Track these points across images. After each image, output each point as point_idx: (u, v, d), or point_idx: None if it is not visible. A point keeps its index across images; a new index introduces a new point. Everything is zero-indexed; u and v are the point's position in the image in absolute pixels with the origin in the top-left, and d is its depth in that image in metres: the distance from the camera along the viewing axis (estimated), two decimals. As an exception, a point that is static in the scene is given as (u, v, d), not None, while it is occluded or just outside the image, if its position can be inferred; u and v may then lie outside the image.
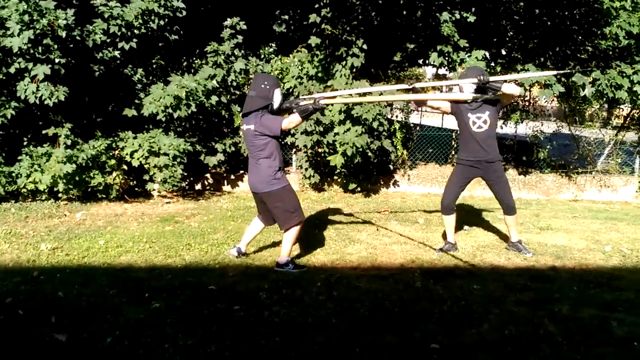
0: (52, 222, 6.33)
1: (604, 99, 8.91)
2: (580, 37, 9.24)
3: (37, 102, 6.70)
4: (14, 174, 7.02)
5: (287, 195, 4.73)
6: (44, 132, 7.13)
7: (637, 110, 9.78)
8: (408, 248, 5.60)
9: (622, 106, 10.02)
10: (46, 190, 7.07)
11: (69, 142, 7.06)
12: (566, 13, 8.95)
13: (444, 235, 5.70)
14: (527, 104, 10.44)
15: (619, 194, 9.12)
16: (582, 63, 9.14)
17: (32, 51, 6.63)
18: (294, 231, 4.76)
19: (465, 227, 6.54)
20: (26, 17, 6.46)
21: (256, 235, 5.19)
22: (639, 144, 9.63)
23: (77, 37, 7.04)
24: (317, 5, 8.47)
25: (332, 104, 5.95)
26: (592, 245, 5.84)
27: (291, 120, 4.64)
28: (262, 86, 4.63)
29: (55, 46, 6.74)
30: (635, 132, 9.94)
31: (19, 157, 6.99)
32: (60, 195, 7.19)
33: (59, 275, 4.46)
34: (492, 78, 4.91)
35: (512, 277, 4.72)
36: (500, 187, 5.29)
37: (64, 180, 6.88)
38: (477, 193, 9.14)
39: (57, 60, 6.76)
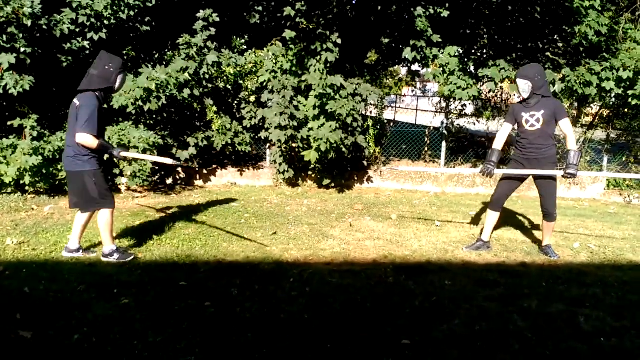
0: (19, 215, 6.16)
1: (574, 97, 9.08)
2: (551, 35, 9.39)
3: (1, 91, 6.51)
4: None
5: (89, 179, 4.55)
6: (9, 123, 6.93)
7: (606, 109, 9.99)
8: (381, 244, 5.62)
9: (591, 105, 10.21)
10: (12, 183, 6.88)
11: (35, 133, 6.89)
12: (538, 10, 9.08)
13: (481, 231, 5.69)
14: (498, 101, 10.57)
15: (588, 191, 9.31)
16: (553, 60, 9.29)
17: (-5, 39, 6.45)
18: (103, 218, 4.66)
19: (437, 222, 6.60)
20: (-10, 4, 6.27)
21: (87, 225, 4.86)
22: (607, 142, 9.84)
23: (44, 27, 6.86)
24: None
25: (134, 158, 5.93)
26: (561, 242, 5.95)
27: (87, 141, 4.37)
28: (106, 67, 4.50)
29: (21, 35, 6.56)
30: (604, 131, 10.15)
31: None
32: (27, 188, 7.01)
33: (25, 271, 4.34)
34: (571, 171, 5.00)
35: (482, 273, 4.77)
36: (545, 191, 5.24)
37: (30, 173, 6.71)
38: (449, 189, 9.23)
39: (22, 50, 6.58)
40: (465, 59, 9.05)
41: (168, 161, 4.92)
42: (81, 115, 4.38)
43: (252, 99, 8.72)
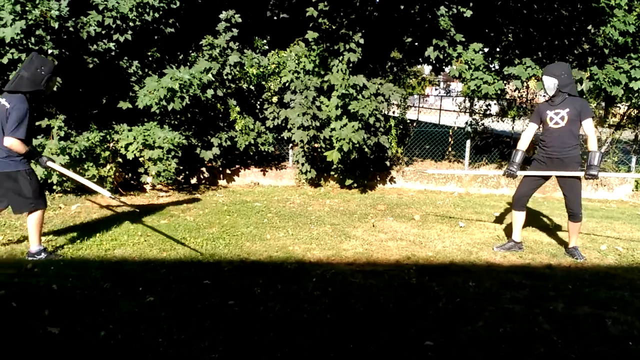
0: (47, 214, 6.27)
1: (601, 96, 8.91)
2: (577, 34, 9.24)
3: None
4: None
5: (23, 179, 4.53)
6: (37, 123, 7.06)
7: (634, 109, 9.79)
8: (404, 245, 5.59)
9: (619, 105, 10.02)
10: (40, 182, 7.00)
11: (62, 133, 7.01)
12: (563, 9, 8.95)
13: (509, 232, 5.65)
14: (524, 100, 10.43)
15: (615, 192, 9.13)
16: (580, 58, 9.14)
17: (24, 42, 6.57)
18: (35, 218, 4.64)
19: (461, 223, 6.54)
20: (18, 7, 6.39)
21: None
22: (635, 143, 9.64)
23: (71, 29, 6.98)
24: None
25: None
26: (588, 244, 5.84)
27: (15, 146, 4.38)
28: (38, 70, 4.48)
29: (48, 37, 6.68)
30: (632, 131, 9.95)
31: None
32: (54, 187, 7.13)
33: (53, 268, 4.43)
34: (592, 172, 5.00)
35: (507, 275, 4.71)
36: (569, 191, 5.18)
37: (57, 172, 6.82)
38: (473, 190, 9.14)
39: (50, 51, 6.70)
40: (489, 58, 8.96)
41: (99, 189, 4.90)
42: (12, 118, 4.35)
43: (275, 99, 8.75)
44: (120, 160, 7.47)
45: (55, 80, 4.67)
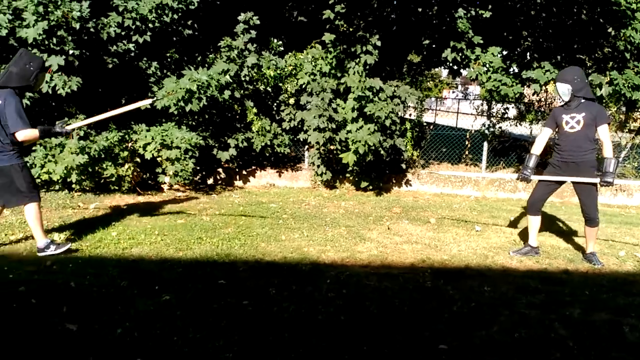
0: (66, 212, 6.38)
1: (622, 100, 8.80)
2: (597, 37, 9.13)
3: (50, 91, 6.75)
4: (28, 164, 7.06)
5: (17, 173, 4.59)
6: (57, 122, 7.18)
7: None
8: (419, 248, 5.58)
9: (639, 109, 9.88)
10: (60, 181, 7.12)
11: (82, 133, 7.11)
12: (583, 12, 8.85)
13: (526, 237, 5.63)
14: (542, 104, 10.34)
15: (635, 198, 9.00)
16: (599, 63, 9.03)
17: (46, 42, 6.69)
18: (33, 212, 4.67)
19: (477, 227, 6.50)
20: (41, 9, 6.51)
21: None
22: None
23: (92, 30, 7.08)
24: (331, 1, 8.45)
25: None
26: (606, 250, 5.77)
27: (28, 136, 4.52)
28: (26, 66, 4.52)
29: (69, 38, 6.79)
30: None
31: (33, 148, 7.04)
32: (73, 186, 7.24)
33: (71, 266, 4.49)
34: (608, 179, 4.96)
35: (523, 280, 4.68)
36: (584, 196, 5.13)
37: (77, 171, 6.92)
38: (490, 194, 9.08)
39: (71, 52, 6.81)
40: (508, 61, 8.90)
41: (137, 104, 5.08)
42: (10, 114, 4.41)
43: (292, 101, 8.78)
44: (138, 159, 7.55)
45: (44, 76, 4.74)
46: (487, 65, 8.52)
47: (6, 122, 4.45)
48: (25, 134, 4.50)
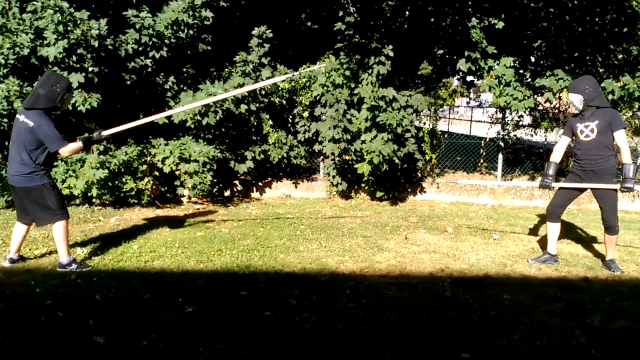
0: (88, 226, 6.49)
1: (637, 105, 8.76)
2: (610, 44, 9.13)
3: (70, 108, 6.89)
4: None
5: (48, 192, 4.68)
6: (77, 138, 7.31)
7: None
8: (437, 257, 5.60)
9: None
10: (80, 196, 7.25)
11: (102, 148, 7.24)
12: (596, 19, 8.86)
13: (544, 244, 5.65)
14: (556, 111, 10.31)
15: (652, 203, 8.94)
16: (612, 69, 9.02)
17: (66, 60, 6.85)
18: (61, 229, 4.75)
19: (495, 236, 6.50)
20: (61, 27, 6.67)
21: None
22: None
23: (110, 47, 7.23)
24: (341, 14, 8.55)
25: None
26: (626, 257, 5.74)
27: (73, 149, 4.67)
28: (53, 87, 4.60)
29: (89, 55, 6.94)
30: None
31: (55, 163, 7.17)
32: (94, 200, 7.36)
33: (95, 279, 4.58)
34: (628, 184, 5.01)
35: (542, 288, 4.68)
36: (604, 203, 5.14)
37: (97, 186, 7.04)
38: (506, 202, 9.07)
39: (90, 69, 6.96)
40: (521, 70, 8.91)
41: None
42: (46, 135, 4.53)
43: (306, 113, 8.85)
44: (157, 173, 7.66)
45: (70, 97, 4.86)
46: (500, 79, 8.54)
47: (42, 143, 4.58)
48: (69, 148, 4.63)
